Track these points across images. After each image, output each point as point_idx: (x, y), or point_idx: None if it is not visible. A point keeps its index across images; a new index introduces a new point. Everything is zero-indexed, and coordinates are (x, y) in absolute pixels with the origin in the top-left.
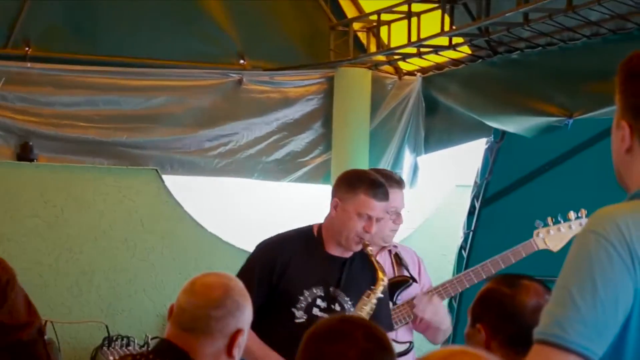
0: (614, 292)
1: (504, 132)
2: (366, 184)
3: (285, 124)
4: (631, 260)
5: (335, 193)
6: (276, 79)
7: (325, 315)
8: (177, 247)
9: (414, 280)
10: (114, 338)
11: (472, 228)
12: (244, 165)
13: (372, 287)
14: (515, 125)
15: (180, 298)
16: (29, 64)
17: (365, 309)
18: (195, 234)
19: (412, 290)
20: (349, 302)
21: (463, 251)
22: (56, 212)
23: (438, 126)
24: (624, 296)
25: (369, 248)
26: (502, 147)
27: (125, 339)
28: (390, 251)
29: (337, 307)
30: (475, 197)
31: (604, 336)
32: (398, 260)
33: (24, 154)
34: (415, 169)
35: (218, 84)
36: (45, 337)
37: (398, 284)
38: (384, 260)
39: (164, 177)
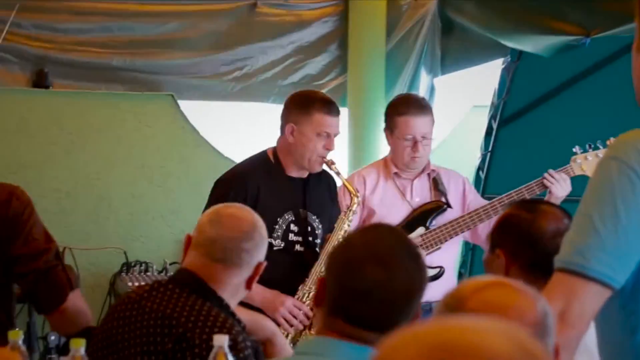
0: (637, 219)
1: (520, 52)
2: (318, 103)
3: (300, 46)
4: None
5: (287, 118)
6: (290, 1)
7: (300, 239)
8: (194, 173)
9: (449, 205)
10: (133, 264)
11: (490, 149)
12: (260, 89)
13: (348, 205)
14: (532, 44)
15: (207, 229)
16: None
17: (344, 227)
18: (212, 160)
19: (448, 215)
20: (317, 221)
21: (481, 172)
22: (72, 139)
23: (454, 47)
24: None
25: (334, 165)
26: (519, 67)
27: (143, 265)
28: (429, 175)
29: (309, 229)
30: (492, 117)
31: (625, 264)
32: (435, 185)
33: (39, 80)
34: (431, 90)
35: (232, 8)
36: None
37: (432, 209)
38: (421, 184)
39: (180, 102)
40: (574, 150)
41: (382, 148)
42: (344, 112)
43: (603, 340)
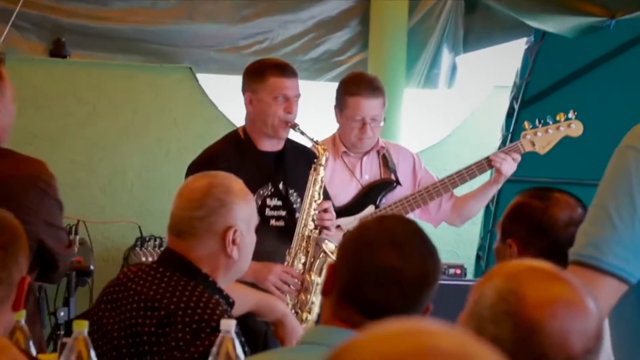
0: None
1: (544, 32)
2: (271, 67)
3: (321, 21)
4: None
5: (245, 88)
6: None
7: (277, 213)
8: None
9: (398, 183)
10: (147, 239)
11: (511, 130)
12: None
13: (315, 160)
14: (556, 24)
15: (172, 204)
16: None
17: (318, 182)
18: None
19: (397, 193)
20: (295, 194)
21: None
22: (89, 110)
23: (477, 25)
24: None
25: (298, 127)
26: (542, 48)
27: (158, 240)
28: (378, 152)
29: (287, 202)
30: (514, 98)
31: None
32: (385, 162)
33: (57, 50)
34: (453, 68)
35: None
36: (77, 236)
37: (381, 186)
38: (371, 162)
39: (198, 76)
40: (523, 126)
41: (402, 125)
42: None
43: (618, 339)
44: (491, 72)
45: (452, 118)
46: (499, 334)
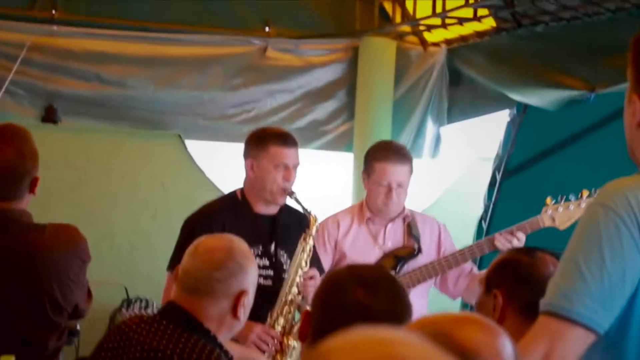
0: (622, 265)
1: (526, 105)
2: (273, 136)
3: (308, 92)
4: (639, 234)
5: (247, 155)
6: (301, 47)
7: (264, 273)
8: None
9: (420, 251)
10: (133, 300)
11: (493, 200)
12: None
13: (307, 229)
14: (538, 98)
15: (185, 261)
16: (55, 27)
17: (305, 251)
18: None
19: (418, 261)
20: (285, 256)
21: (483, 222)
22: (78, 175)
23: (461, 98)
24: (631, 269)
25: (295, 195)
26: (524, 120)
27: (144, 302)
28: (404, 219)
29: (276, 263)
30: (496, 169)
31: (610, 309)
32: (409, 230)
33: (49, 116)
34: (437, 139)
35: (242, 51)
36: None
37: (402, 255)
38: (395, 228)
39: (187, 142)
40: (546, 201)
41: None
42: (349, 157)
43: None
44: (475, 143)
45: (437, 188)
46: None
